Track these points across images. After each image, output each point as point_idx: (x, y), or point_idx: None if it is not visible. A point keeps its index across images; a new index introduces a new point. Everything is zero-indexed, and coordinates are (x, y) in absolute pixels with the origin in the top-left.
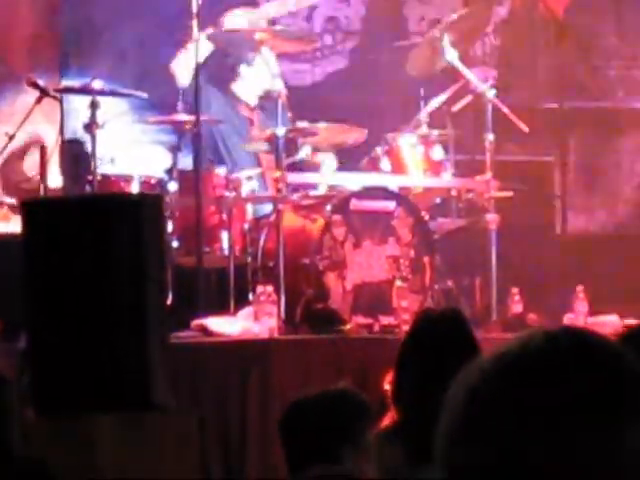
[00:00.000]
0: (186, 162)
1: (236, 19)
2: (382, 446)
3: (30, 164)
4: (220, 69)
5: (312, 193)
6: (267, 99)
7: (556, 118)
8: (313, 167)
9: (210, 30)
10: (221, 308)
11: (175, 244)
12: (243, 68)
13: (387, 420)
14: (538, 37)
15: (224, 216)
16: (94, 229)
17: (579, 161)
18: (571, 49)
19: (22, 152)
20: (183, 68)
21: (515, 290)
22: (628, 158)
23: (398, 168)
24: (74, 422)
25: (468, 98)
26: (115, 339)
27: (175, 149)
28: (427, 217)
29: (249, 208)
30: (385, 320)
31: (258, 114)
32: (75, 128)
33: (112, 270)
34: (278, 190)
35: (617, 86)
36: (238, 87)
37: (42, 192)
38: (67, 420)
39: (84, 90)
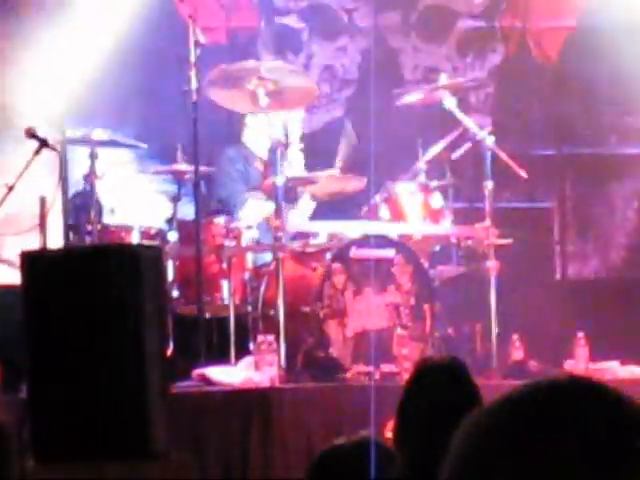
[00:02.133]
0: (187, 211)
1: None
2: None
3: None
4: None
5: (312, 241)
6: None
7: (553, 164)
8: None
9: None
10: (222, 357)
11: (175, 293)
12: (248, 118)
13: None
14: (532, 83)
15: (224, 265)
16: (94, 280)
17: (577, 207)
18: (565, 94)
19: None
20: (255, 143)
21: (515, 337)
22: (621, 199)
23: (397, 216)
24: (74, 471)
25: (467, 145)
26: (115, 388)
27: (175, 199)
28: (427, 265)
29: (249, 257)
30: (386, 368)
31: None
32: (75, 179)
33: (112, 320)
34: (278, 239)
35: (610, 132)
36: (247, 138)
37: (41, 243)
38: (67, 469)
39: (84, 141)
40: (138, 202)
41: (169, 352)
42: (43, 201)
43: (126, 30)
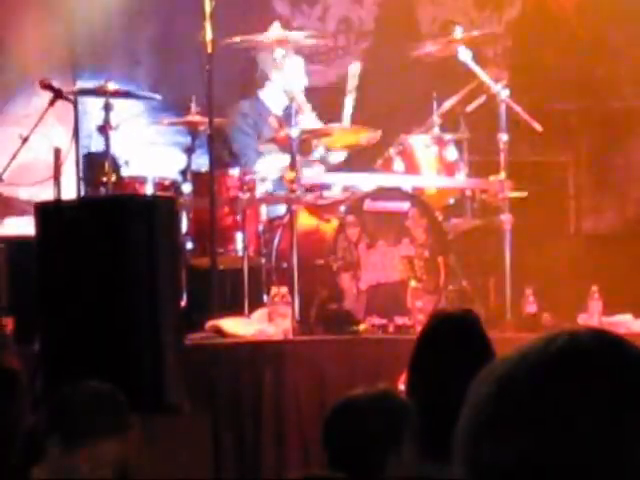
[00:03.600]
0: (200, 163)
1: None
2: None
3: None
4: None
5: (326, 194)
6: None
7: (569, 118)
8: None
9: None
10: (235, 309)
11: (189, 245)
12: (274, 73)
13: None
14: (550, 36)
15: (238, 217)
16: (108, 231)
17: (592, 161)
18: (580, 48)
19: None
20: (273, 98)
21: (529, 290)
22: (637, 154)
23: (412, 169)
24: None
25: (482, 99)
26: (129, 341)
27: (189, 151)
28: (441, 217)
29: (263, 209)
30: (400, 321)
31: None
32: (89, 130)
33: (126, 272)
34: (292, 191)
35: (627, 87)
36: (266, 94)
37: (55, 194)
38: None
39: (98, 92)
40: (152, 154)
41: (183, 304)
42: (57, 152)
43: None
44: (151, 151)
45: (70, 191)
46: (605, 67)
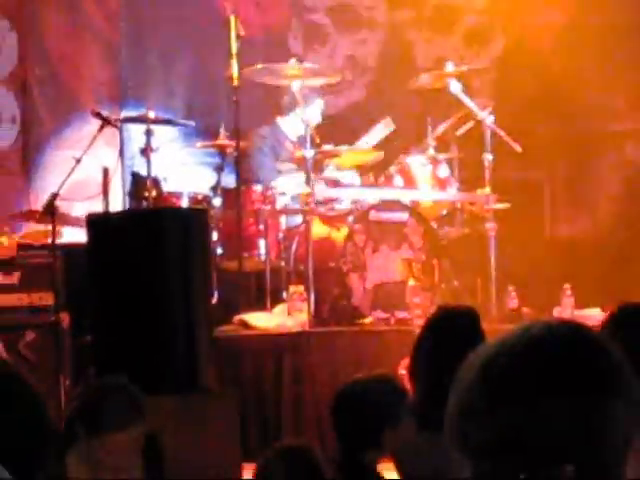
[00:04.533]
0: (228, 180)
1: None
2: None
3: None
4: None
5: (336, 206)
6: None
7: (545, 140)
8: (337, 184)
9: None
10: (259, 305)
11: (219, 251)
12: (300, 110)
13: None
14: (529, 69)
15: (261, 227)
16: (149, 239)
17: (565, 177)
18: (557, 79)
19: None
20: (291, 127)
21: (511, 288)
22: (605, 171)
23: (409, 184)
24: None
25: (470, 124)
26: (168, 332)
27: (219, 169)
28: (435, 226)
29: (282, 219)
30: (400, 314)
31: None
32: (133, 152)
33: (164, 274)
34: (307, 204)
35: (597, 112)
36: (284, 123)
37: (104, 208)
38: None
39: (140, 119)
40: (186, 172)
41: (213, 300)
42: (106, 172)
43: (179, 22)
44: (185, 170)
45: (117, 205)
46: (576, 96)
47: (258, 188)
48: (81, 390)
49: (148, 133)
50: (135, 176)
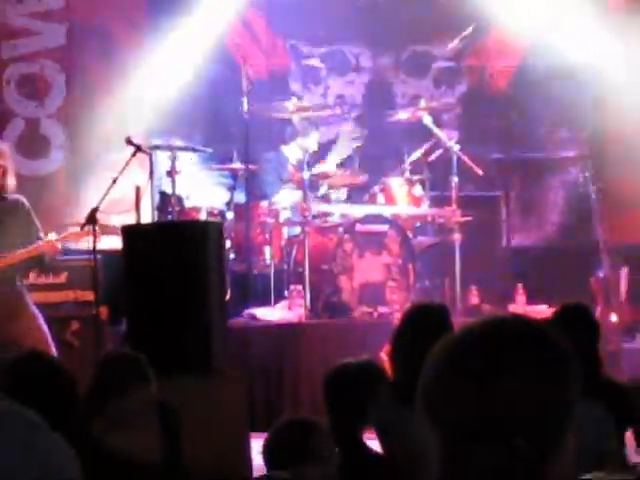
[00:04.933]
0: (239, 197)
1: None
2: (383, 395)
3: None
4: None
5: (329, 219)
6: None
7: (501, 165)
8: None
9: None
10: (265, 301)
11: (232, 256)
12: (299, 139)
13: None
14: (488, 107)
15: (267, 236)
16: (174, 245)
17: (518, 195)
18: (513, 114)
19: None
20: (292, 153)
21: (473, 287)
22: (551, 191)
23: (389, 201)
24: (159, 385)
25: (439, 151)
26: (188, 323)
27: (232, 188)
28: (410, 236)
29: (284, 230)
30: (381, 309)
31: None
32: (160, 174)
33: (187, 275)
34: (305, 217)
35: (545, 141)
36: (287, 150)
37: (136, 220)
38: (156, 382)
39: (167, 147)
40: (204, 191)
41: (227, 297)
42: (138, 190)
43: (199, 67)
44: (204, 189)
45: (147, 217)
46: (527, 128)
47: (264, 204)
48: (98, 362)
49: (173, 158)
50: (162, 194)
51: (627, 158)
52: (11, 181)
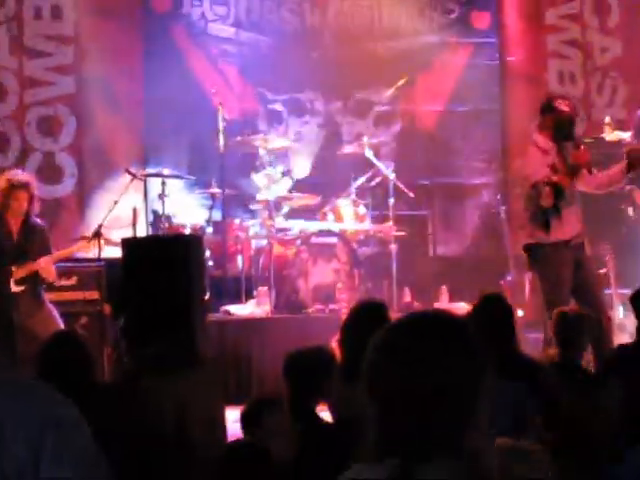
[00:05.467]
0: (216, 216)
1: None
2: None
3: None
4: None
5: (289, 233)
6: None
7: (429, 189)
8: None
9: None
10: (237, 300)
11: (210, 263)
12: (266, 169)
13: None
14: (417, 143)
15: (239, 247)
16: (164, 254)
17: (442, 213)
18: (436, 147)
19: None
20: (260, 180)
21: (406, 288)
22: (468, 210)
23: (338, 219)
24: (150, 360)
25: (379, 178)
26: (175, 317)
27: (210, 208)
28: (356, 246)
29: (253, 242)
30: (332, 306)
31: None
32: (153, 196)
33: (174, 278)
34: (270, 232)
35: (463, 170)
36: (256, 178)
37: (133, 234)
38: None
39: (158, 175)
40: (188, 210)
41: (206, 296)
42: (134, 210)
43: (184, 109)
44: (188, 209)
45: (142, 232)
46: (449, 159)
47: (237, 221)
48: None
49: (163, 183)
50: (154, 213)
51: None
52: (34, 208)
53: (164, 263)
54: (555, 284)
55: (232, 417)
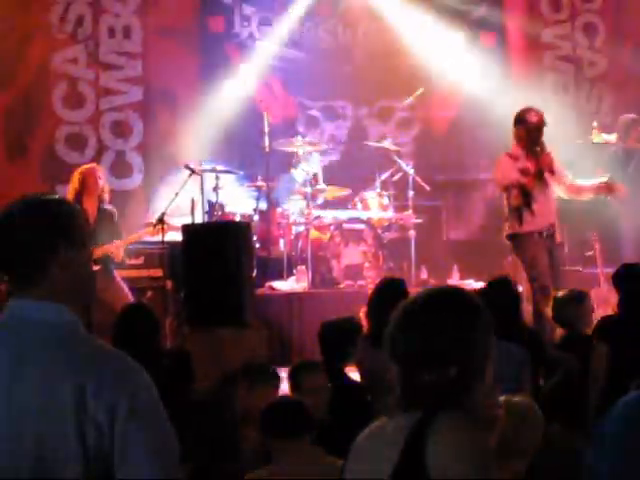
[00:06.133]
0: (262, 205)
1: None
2: (362, 342)
3: None
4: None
5: (324, 220)
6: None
7: (442, 183)
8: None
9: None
10: (279, 277)
11: (257, 245)
12: (303, 164)
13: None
14: (433, 144)
15: (281, 232)
16: (219, 237)
17: (454, 204)
18: (451, 149)
19: None
20: (298, 175)
21: (423, 268)
22: (475, 201)
23: (365, 208)
24: (206, 333)
25: (400, 174)
26: (227, 292)
27: (257, 199)
28: (380, 232)
29: (293, 228)
30: (360, 282)
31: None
32: (208, 189)
33: (227, 258)
34: (307, 219)
35: (471, 167)
36: (295, 172)
37: (192, 220)
38: (202, 332)
39: (213, 170)
40: (238, 201)
41: (254, 273)
42: (193, 200)
43: (236, 115)
44: (238, 199)
45: (199, 219)
46: (460, 157)
47: (279, 210)
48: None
49: (217, 178)
50: (209, 203)
51: None
52: (106, 195)
53: (218, 245)
54: (531, 265)
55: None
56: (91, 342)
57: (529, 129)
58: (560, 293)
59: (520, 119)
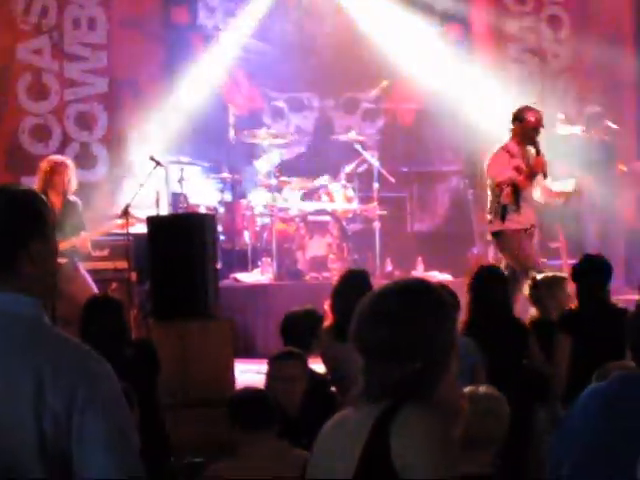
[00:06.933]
0: (227, 197)
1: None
2: (326, 334)
3: None
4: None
5: (289, 212)
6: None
7: (407, 175)
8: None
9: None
10: (245, 268)
11: (222, 237)
12: (265, 155)
13: (326, 324)
14: (398, 136)
15: (245, 224)
16: (183, 229)
17: (418, 195)
18: (414, 140)
19: None
20: (262, 166)
21: (388, 260)
22: (440, 193)
23: (331, 200)
24: (173, 325)
25: (365, 165)
26: (192, 284)
27: (222, 191)
28: (345, 224)
29: (258, 220)
30: (325, 274)
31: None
32: (173, 180)
33: (191, 250)
34: (272, 211)
35: (435, 159)
36: (259, 163)
37: (157, 212)
38: (168, 323)
39: (177, 162)
40: (203, 192)
41: (218, 265)
42: (157, 193)
43: (201, 106)
44: (202, 191)
45: (164, 211)
46: (425, 150)
47: (244, 202)
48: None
49: (181, 170)
50: (174, 195)
51: None
52: (73, 186)
53: (183, 237)
54: (517, 255)
55: (239, 368)
56: (53, 333)
57: (526, 128)
58: (540, 275)
59: (518, 117)
